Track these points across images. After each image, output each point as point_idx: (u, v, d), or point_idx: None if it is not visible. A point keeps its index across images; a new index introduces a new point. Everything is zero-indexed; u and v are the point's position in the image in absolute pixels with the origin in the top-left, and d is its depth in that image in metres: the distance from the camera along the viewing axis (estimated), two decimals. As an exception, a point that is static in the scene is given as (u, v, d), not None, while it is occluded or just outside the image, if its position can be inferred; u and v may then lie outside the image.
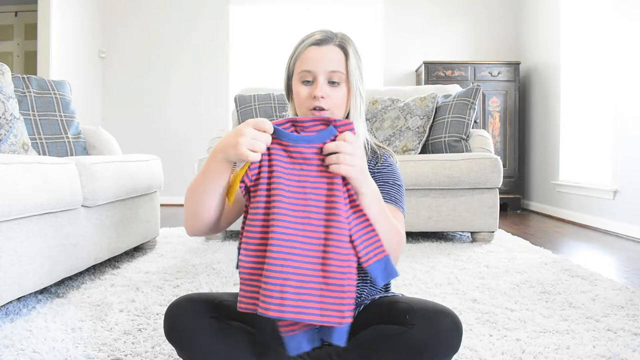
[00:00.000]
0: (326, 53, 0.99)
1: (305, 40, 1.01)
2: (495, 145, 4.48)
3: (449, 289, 1.79)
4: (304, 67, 0.99)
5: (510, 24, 4.97)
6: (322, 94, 0.97)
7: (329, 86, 0.99)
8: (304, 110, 1.01)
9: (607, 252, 2.65)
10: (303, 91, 1.00)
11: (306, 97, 0.99)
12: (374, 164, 1.08)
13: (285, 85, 1.07)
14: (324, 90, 0.98)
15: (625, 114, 3.16)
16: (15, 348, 1.21)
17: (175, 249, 2.53)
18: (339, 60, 0.99)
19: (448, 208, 2.70)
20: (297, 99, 1.01)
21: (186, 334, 0.92)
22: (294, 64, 1.03)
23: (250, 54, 5.06)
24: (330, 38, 1.00)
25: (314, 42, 1.00)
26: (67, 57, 4.48)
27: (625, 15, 3.16)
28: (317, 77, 0.98)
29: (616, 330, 1.34)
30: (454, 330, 0.87)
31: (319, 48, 0.99)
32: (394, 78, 4.97)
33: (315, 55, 0.99)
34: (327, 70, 0.98)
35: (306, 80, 1.00)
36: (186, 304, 0.95)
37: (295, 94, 1.02)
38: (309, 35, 1.02)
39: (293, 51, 1.04)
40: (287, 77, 1.06)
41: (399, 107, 3.06)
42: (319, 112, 0.98)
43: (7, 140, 1.79)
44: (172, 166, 4.81)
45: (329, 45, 1.00)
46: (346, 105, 1.02)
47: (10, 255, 1.37)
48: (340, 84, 1.00)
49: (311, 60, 0.99)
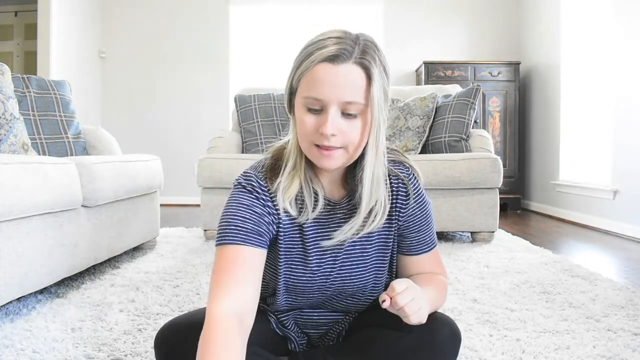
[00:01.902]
0: (343, 76, 0.75)
1: (314, 53, 0.76)
2: (495, 145, 4.48)
3: (449, 289, 1.78)
4: (312, 93, 0.76)
5: (510, 24, 4.97)
6: (334, 131, 0.76)
7: (342, 118, 0.77)
8: (306, 145, 0.81)
9: (607, 252, 2.65)
10: (309, 122, 0.78)
11: (312, 131, 0.78)
12: (402, 198, 0.91)
13: (287, 99, 0.85)
14: (335, 126, 0.76)
15: (625, 114, 3.16)
16: (15, 348, 1.21)
17: (175, 249, 2.53)
18: (358, 86, 0.76)
19: (448, 208, 2.70)
20: (301, 130, 0.80)
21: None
22: (299, 80, 0.79)
23: (250, 54, 5.06)
24: (350, 52, 0.75)
25: (327, 59, 0.75)
26: (67, 57, 4.48)
27: (625, 15, 3.16)
28: (327, 108, 0.76)
29: (616, 330, 1.34)
30: (451, 339, 0.85)
31: (334, 68, 0.75)
32: (394, 78, 4.97)
33: (327, 77, 0.75)
34: (341, 101, 0.76)
35: (313, 108, 0.78)
36: (180, 329, 0.83)
37: (298, 122, 0.81)
38: (321, 43, 0.77)
39: (299, 62, 0.80)
40: (290, 92, 0.84)
41: (399, 107, 3.06)
42: (327, 152, 0.79)
43: (7, 140, 1.79)
44: (172, 166, 4.81)
45: (346, 65, 0.75)
46: (362, 138, 0.80)
47: (10, 255, 1.37)
48: (358, 116, 0.78)
49: (321, 85, 0.75)
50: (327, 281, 0.91)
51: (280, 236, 0.88)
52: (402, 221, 0.93)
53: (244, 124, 3.18)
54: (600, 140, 3.54)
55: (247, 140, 3.15)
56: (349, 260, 0.91)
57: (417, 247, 0.96)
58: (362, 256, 0.92)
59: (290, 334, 0.99)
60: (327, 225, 0.90)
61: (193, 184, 4.72)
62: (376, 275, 0.94)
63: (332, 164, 0.80)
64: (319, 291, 0.93)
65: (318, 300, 0.95)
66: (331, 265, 0.91)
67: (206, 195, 2.79)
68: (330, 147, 0.78)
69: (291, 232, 0.89)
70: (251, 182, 0.86)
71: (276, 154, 0.90)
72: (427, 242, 0.96)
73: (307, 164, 0.86)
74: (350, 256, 0.91)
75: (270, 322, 0.97)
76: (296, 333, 1.00)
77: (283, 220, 0.87)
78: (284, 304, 0.94)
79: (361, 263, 0.92)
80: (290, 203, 0.86)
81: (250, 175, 0.87)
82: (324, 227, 0.90)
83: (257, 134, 3.13)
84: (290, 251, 0.90)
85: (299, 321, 1.00)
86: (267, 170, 0.88)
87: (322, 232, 0.90)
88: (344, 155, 0.81)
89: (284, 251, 0.89)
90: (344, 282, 0.92)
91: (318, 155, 0.80)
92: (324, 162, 0.80)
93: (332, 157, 0.80)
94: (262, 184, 0.86)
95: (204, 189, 2.80)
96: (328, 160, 0.80)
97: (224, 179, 2.72)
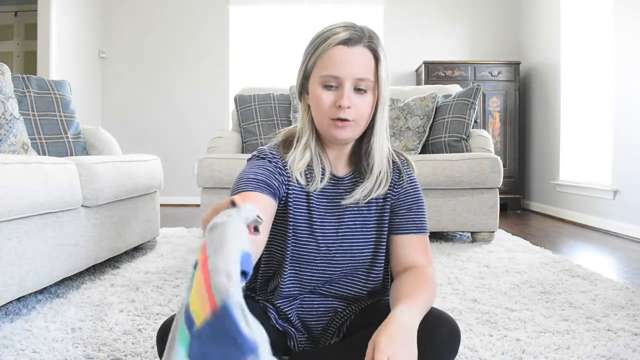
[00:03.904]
0: (355, 56, 0.88)
1: (330, 37, 0.89)
2: (495, 145, 4.48)
3: (449, 289, 1.79)
4: (330, 72, 0.88)
5: (510, 24, 4.97)
6: (350, 104, 0.88)
7: (355, 94, 0.89)
8: (324, 120, 0.92)
9: (607, 252, 2.65)
10: (326, 98, 0.89)
11: (330, 106, 0.89)
12: (396, 178, 1.01)
13: (299, 84, 0.96)
14: (351, 100, 0.88)
15: (625, 114, 3.16)
16: (15, 348, 1.21)
17: (175, 249, 2.53)
18: (368, 65, 0.90)
19: (448, 208, 2.70)
20: (318, 106, 0.91)
21: None
22: (314, 63, 0.91)
23: (250, 54, 5.06)
24: (360, 37, 0.89)
25: (342, 42, 0.88)
26: (67, 57, 4.48)
27: (625, 15, 3.16)
28: (343, 84, 0.88)
29: (616, 330, 1.34)
30: (451, 337, 0.86)
31: (348, 49, 0.88)
32: (394, 78, 4.97)
33: (343, 57, 0.88)
34: (355, 77, 0.88)
35: (329, 85, 0.89)
36: None
37: (315, 99, 0.91)
38: (333, 31, 0.90)
39: (313, 48, 0.91)
40: (304, 77, 0.95)
41: (399, 107, 3.06)
42: (341, 123, 0.90)
43: (7, 140, 1.79)
44: (172, 166, 4.81)
45: (358, 47, 0.89)
46: (370, 114, 0.93)
47: (10, 255, 1.37)
48: (367, 92, 0.90)
49: (338, 64, 0.88)
50: (330, 252, 0.99)
51: (290, 199, 0.97)
52: (395, 199, 1.01)
53: (244, 124, 3.18)
54: (600, 140, 3.54)
55: (247, 140, 3.15)
56: (350, 232, 1.00)
57: (407, 226, 1.01)
58: (361, 230, 1.01)
59: (290, 329, 0.99)
60: (331, 198, 1.00)
61: (193, 184, 4.72)
62: (374, 252, 1.01)
63: (345, 134, 0.92)
64: (323, 263, 0.99)
65: (320, 280, 1.00)
66: (334, 235, 0.99)
67: (206, 195, 2.79)
68: (345, 120, 0.90)
69: (300, 199, 0.98)
70: (264, 152, 0.98)
71: (287, 134, 1.03)
72: (416, 223, 1.01)
73: (317, 141, 0.98)
74: (350, 229, 1.00)
75: (270, 318, 0.98)
76: (297, 327, 1.00)
77: (293, 187, 0.97)
78: (289, 280, 0.98)
79: (361, 236, 1.00)
80: (300, 174, 0.96)
81: (264, 149, 1.00)
82: (328, 199, 1.00)
83: (257, 133, 3.13)
84: (298, 218, 0.98)
85: (299, 311, 1.01)
86: (279, 147, 1.00)
87: (327, 203, 1.00)
88: (355, 127, 0.92)
89: (293, 216, 0.97)
90: (345, 255, 0.99)
91: (334, 128, 0.91)
92: (338, 134, 0.92)
93: (345, 129, 0.91)
94: (275, 154, 0.98)
95: (204, 189, 2.80)
96: (342, 132, 0.91)
97: (224, 179, 2.72)
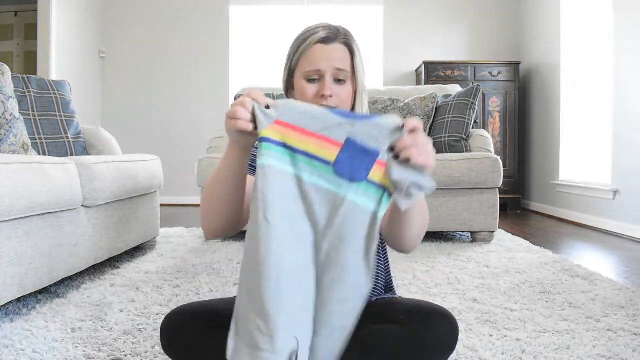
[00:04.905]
0: (333, 51, 0.98)
1: (309, 37, 0.99)
2: (495, 145, 4.48)
3: (449, 289, 1.79)
4: (312, 67, 0.98)
5: (510, 24, 4.97)
6: (331, 93, 0.97)
7: (335, 84, 0.99)
8: None
9: (607, 252, 2.65)
10: (310, 89, 0.99)
11: (314, 96, 0.98)
12: None
13: (285, 82, 1.06)
14: (332, 89, 0.98)
15: (625, 114, 3.16)
16: (15, 348, 1.21)
17: (175, 249, 2.53)
18: (345, 58, 0.99)
19: (448, 208, 2.70)
20: (303, 97, 1.00)
21: (190, 347, 0.90)
22: (297, 61, 1.01)
23: (250, 54, 5.06)
24: (335, 35, 0.99)
25: (320, 40, 0.98)
26: (67, 57, 4.48)
27: (625, 15, 3.16)
28: (324, 76, 0.98)
29: (616, 330, 1.34)
30: (449, 331, 0.87)
31: (326, 47, 0.98)
32: (394, 78, 4.97)
33: (322, 53, 0.98)
34: (334, 68, 0.98)
35: (312, 79, 0.99)
36: (187, 315, 0.94)
37: (300, 92, 1.01)
38: (312, 31, 1.00)
39: (295, 47, 1.02)
40: (289, 74, 1.04)
41: (399, 107, 3.06)
42: None
43: (7, 140, 1.79)
44: (172, 166, 4.80)
45: (335, 44, 0.99)
46: (351, 101, 1.03)
47: (10, 255, 1.37)
48: (346, 82, 1.00)
49: (318, 59, 0.98)
50: None
51: None
52: None
53: (244, 124, 3.18)
54: (600, 140, 3.53)
55: (247, 140, 3.15)
56: None
57: None
58: None
59: None
60: None
61: (193, 184, 4.71)
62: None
63: None
64: None
65: None
66: None
67: (206, 195, 2.79)
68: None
69: None
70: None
71: None
72: None
73: None
74: None
75: None
76: None
77: None
78: None
79: None
80: None
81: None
82: None
83: (257, 134, 3.13)
84: None
85: None
86: None
87: None
88: None
89: None
90: None
91: None
92: None
93: None
94: None
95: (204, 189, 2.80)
96: None
97: (224, 179, 2.72)
